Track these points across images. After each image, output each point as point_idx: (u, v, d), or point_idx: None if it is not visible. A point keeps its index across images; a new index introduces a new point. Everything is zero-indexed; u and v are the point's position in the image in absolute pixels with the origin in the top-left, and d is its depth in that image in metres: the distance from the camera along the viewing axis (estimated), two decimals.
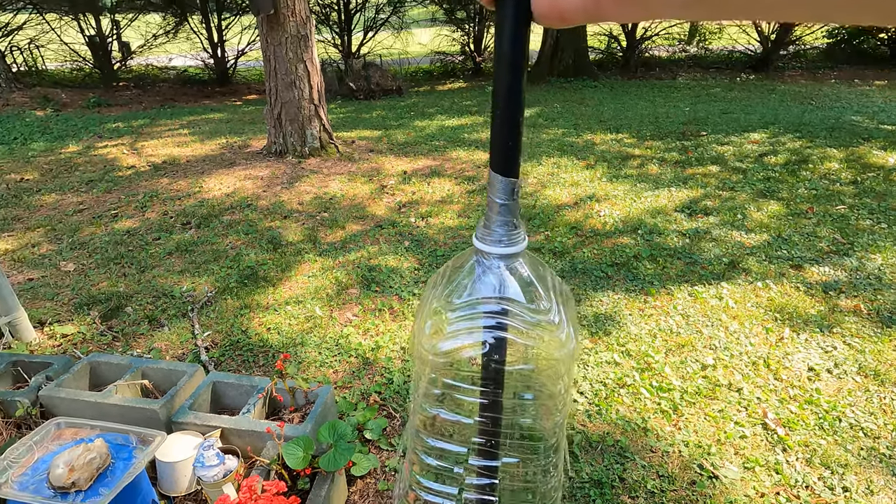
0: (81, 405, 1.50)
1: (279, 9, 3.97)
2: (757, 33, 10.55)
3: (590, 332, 2.18)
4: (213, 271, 2.71)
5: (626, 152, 4.96)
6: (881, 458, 1.56)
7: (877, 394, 1.81)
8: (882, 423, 1.68)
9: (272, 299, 2.45)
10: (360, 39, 11.37)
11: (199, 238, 3.14)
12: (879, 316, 2.26)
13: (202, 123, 6.63)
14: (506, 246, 0.46)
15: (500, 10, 0.39)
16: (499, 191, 0.44)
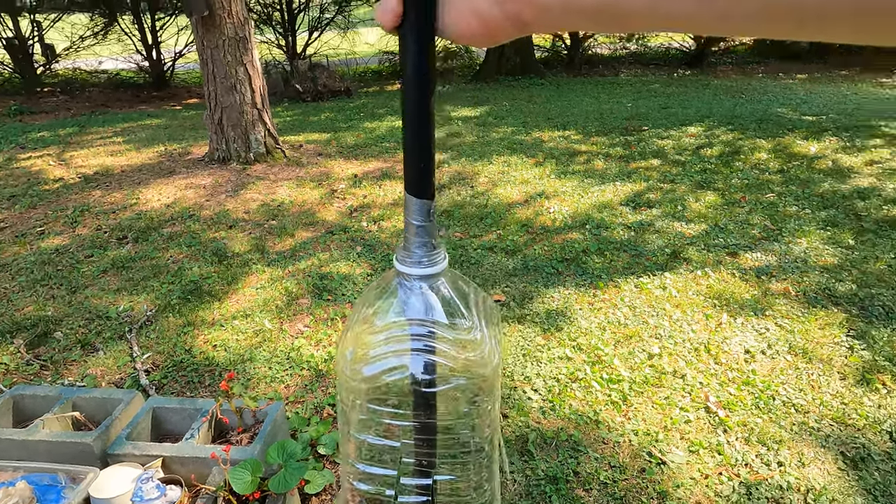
0: (4, 444, 1.38)
1: (214, 10, 3.81)
2: None
3: (542, 328, 2.22)
4: (153, 288, 2.58)
5: (573, 149, 5.09)
6: (811, 431, 1.67)
7: (805, 371, 1.93)
8: (810, 399, 1.80)
9: (218, 314, 2.35)
10: (306, 40, 11.12)
11: (136, 253, 2.97)
12: (806, 297, 2.42)
13: (138, 130, 6.29)
14: (426, 267, 0.46)
15: (403, 31, 0.38)
16: (414, 213, 0.44)
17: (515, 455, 1.58)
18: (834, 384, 1.86)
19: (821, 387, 1.85)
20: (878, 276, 2.58)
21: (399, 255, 0.46)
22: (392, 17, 0.37)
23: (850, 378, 1.89)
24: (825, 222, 3.25)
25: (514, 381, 1.90)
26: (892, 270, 2.65)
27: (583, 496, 1.46)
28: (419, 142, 0.42)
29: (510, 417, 1.74)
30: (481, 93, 8.69)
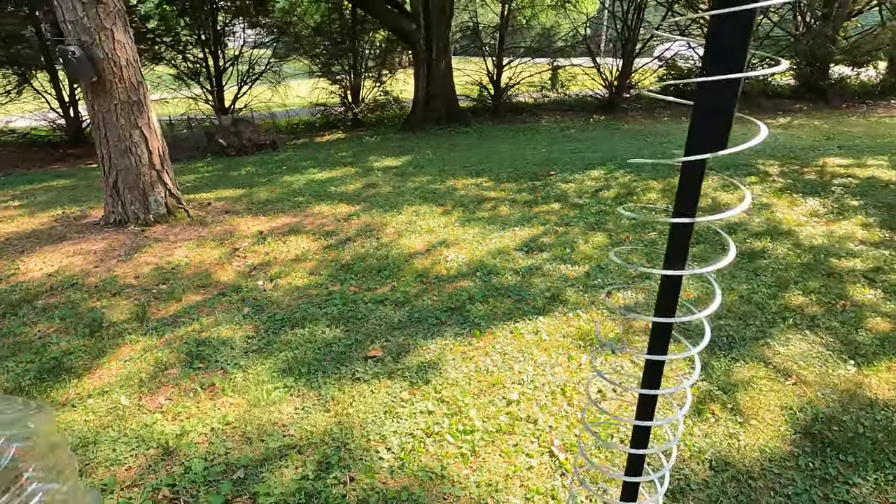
0: None
1: (104, 76, 3.80)
2: (602, 80, 12.01)
3: (410, 382, 2.25)
4: (7, 368, 2.42)
5: (482, 195, 5.31)
6: None
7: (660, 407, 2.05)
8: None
9: (73, 394, 2.23)
10: (235, 93, 11.17)
11: (1, 330, 2.80)
12: (677, 330, 2.59)
13: (40, 192, 6.02)
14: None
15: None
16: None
17: None
18: (671, 417, 1.99)
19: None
20: (729, 307, 2.82)
21: None
22: None
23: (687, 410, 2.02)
24: (694, 258, 3.53)
25: (369, 442, 1.91)
26: (742, 300, 2.90)
27: None
28: None
29: (357, 480, 1.74)
30: (407, 142, 8.96)
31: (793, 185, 5.16)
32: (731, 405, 2.05)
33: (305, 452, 1.87)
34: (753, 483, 1.69)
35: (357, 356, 2.48)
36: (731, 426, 1.93)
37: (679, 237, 0.78)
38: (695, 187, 0.73)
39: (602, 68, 11.97)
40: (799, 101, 12.14)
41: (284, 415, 2.07)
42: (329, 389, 2.22)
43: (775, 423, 1.95)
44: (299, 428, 1.99)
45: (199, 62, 10.74)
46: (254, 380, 2.30)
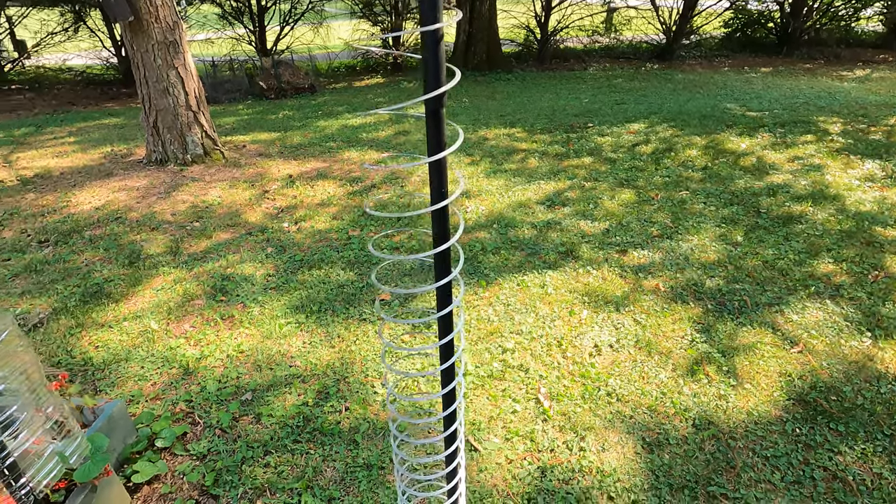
0: None
1: (140, 16, 3.89)
2: (660, 23, 11.13)
3: (412, 326, 2.35)
4: (56, 291, 2.69)
5: (513, 146, 5.20)
6: (623, 419, 1.81)
7: (642, 363, 2.08)
8: (634, 389, 1.94)
9: (111, 316, 2.47)
10: (277, 34, 11.13)
11: (53, 256, 3.09)
12: (673, 293, 2.56)
13: (93, 130, 6.36)
14: None
15: None
16: None
17: (342, 445, 1.73)
18: (662, 375, 2.01)
19: (649, 378, 2.00)
20: (749, 272, 2.73)
21: None
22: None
23: (679, 370, 2.04)
24: (724, 220, 3.39)
25: (367, 378, 2.04)
26: (765, 266, 2.80)
27: (391, 482, 1.60)
28: None
29: (351, 410, 1.88)
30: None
31: (853, 145, 4.76)
32: (727, 368, 2.03)
33: (308, 382, 2.02)
34: (733, 443, 1.71)
35: (366, 299, 2.59)
36: (722, 388, 1.93)
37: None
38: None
39: (661, 10, 11.06)
40: (885, 51, 10.91)
41: (293, 348, 2.23)
42: (336, 328, 2.36)
43: (770, 388, 1.93)
44: (305, 360, 2.15)
45: (244, 1, 10.70)
46: (269, 314, 2.47)
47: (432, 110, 0.61)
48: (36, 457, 1.36)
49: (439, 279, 0.69)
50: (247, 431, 1.79)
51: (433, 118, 0.61)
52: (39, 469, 1.31)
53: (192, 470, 1.63)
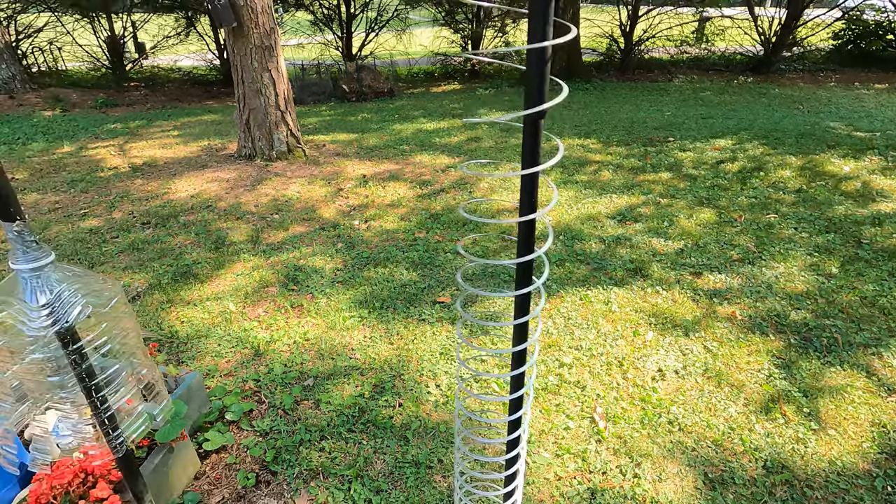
0: None
1: (243, 22, 4.23)
2: (758, 34, 10.42)
3: (470, 331, 2.37)
4: (153, 268, 2.98)
5: (586, 157, 5.08)
6: (684, 450, 1.71)
7: (709, 393, 1.95)
8: (699, 420, 1.83)
9: (196, 295, 2.70)
10: (362, 40, 11.64)
11: (153, 237, 3.42)
12: (750, 322, 2.38)
13: (194, 125, 6.97)
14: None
15: None
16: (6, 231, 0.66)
17: (394, 440, 1.77)
18: (732, 409, 1.87)
19: (717, 411, 1.87)
20: (843, 308, 2.48)
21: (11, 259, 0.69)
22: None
23: (752, 405, 1.89)
24: (817, 248, 3.11)
25: (422, 377, 2.08)
26: (863, 302, 2.53)
27: (438, 482, 1.62)
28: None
29: (404, 406, 1.92)
30: (521, 97, 8.73)
31: None
32: (808, 410, 1.86)
33: (366, 375, 2.10)
34: (809, 492, 1.56)
35: (427, 300, 2.64)
36: (801, 431, 1.77)
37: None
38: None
39: (760, 20, 10.34)
40: None
41: (354, 340, 2.32)
42: (396, 325, 2.42)
43: (858, 437, 1.74)
44: (364, 353, 2.23)
45: (334, 8, 11.30)
46: (334, 306, 2.58)
47: (531, 122, 0.62)
48: (126, 414, 1.51)
49: (520, 287, 0.70)
50: (306, 415, 1.89)
51: (531, 131, 0.63)
52: (129, 425, 1.46)
53: (256, 445, 1.74)
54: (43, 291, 0.69)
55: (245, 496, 1.58)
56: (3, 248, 3.19)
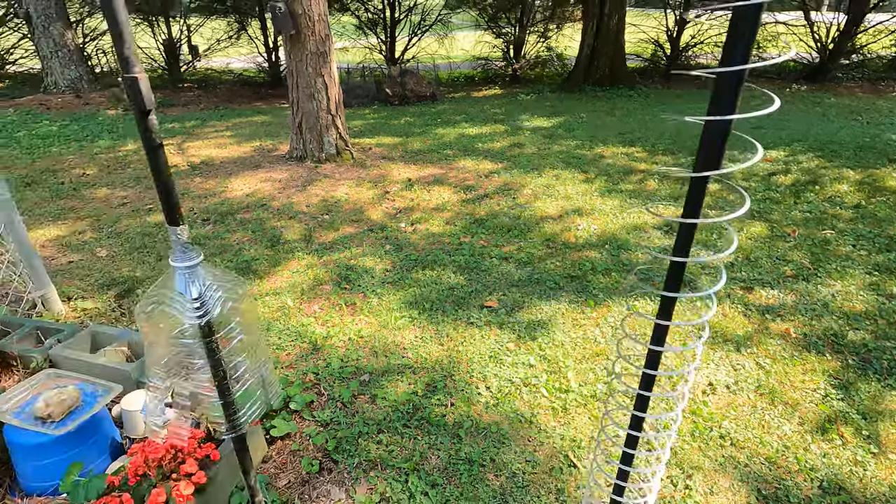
0: (78, 363, 1.94)
1: (301, 29, 4.41)
2: (814, 40, 10.03)
3: (518, 336, 2.42)
4: (215, 263, 3.16)
5: (631, 166, 5.05)
6: (737, 465, 1.71)
7: (762, 410, 1.94)
8: (752, 436, 1.82)
9: (256, 290, 2.85)
10: (405, 45, 11.84)
11: (213, 233, 3.62)
12: (805, 340, 2.34)
13: (245, 126, 7.27)
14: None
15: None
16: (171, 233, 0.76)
17: (447, 437, 1.84)
18: (786, 427, 1.86)
19: (770, 428, 1.86)
20: None
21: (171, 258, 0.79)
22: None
23: (808, 424, 1.87)
24: (877, 267, 3.01)
25: (472, 378, 2.14)
26: None
27: (490, 480, 1.68)
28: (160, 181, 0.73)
29: (456, 406, 1.99)
30: (562, 102, 8.70)
31: None
32: (867, 433, 1.83)
33: (418, 373, 2.18)
34: None
35: (474, 303, 2.71)
36: (860, 454, 1.75)
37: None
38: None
39: (817, 26, 9.95)
40: None
41: (405, 340, 2.41)
42: (445, 327, 2.50)
43: None
44: (416, 353, 2.31)
45: (378, 13, 11.55)
46: (385, 306, 2.68)
47: (717, 130, 0.66)
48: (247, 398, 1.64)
49: (666, 306, 0.75)
50: (363, 409, 1.98)
51: (718, 135, 0.66)
52: (249, 408, 1.59)
53: (317, 434, 1.85)
54: (195, 287, 0.79)
55: (309, 481, 1.68)
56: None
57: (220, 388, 0.86)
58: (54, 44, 9.12)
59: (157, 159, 0.69)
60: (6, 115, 7.82)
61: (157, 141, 0.67)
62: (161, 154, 0.69)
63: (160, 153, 0.70)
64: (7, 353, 2.01)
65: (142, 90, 0.65)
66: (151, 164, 0.70)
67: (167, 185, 0.72)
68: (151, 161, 0.69)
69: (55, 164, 5.31)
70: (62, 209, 4.08)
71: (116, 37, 0.63)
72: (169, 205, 0.73)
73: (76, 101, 8.91)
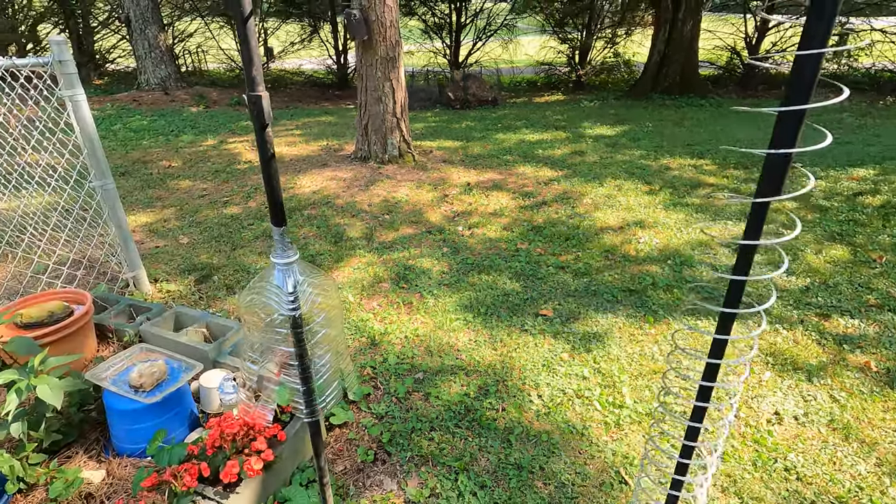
0: (163, 340, 2.13)
1: (373, 35, 4.58)
2: None
3: (572, 347, 2.40)
4: None
5: (699, 179, 4.86)
6: (802, 500, 1.63)
7: (834, 446, 1.83)
8: (821, 472, 1.72)
9: None
10: (469, 49, 11.94)
11: None
12: (888, 376, 2.18)
13: (313, 125, 7.61)
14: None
15: None
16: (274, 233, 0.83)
17: (497, 441, 1.87)
18: (861, 467, 1.74)
19: (843, 466, 1.75)
20: None
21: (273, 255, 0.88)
22: None
23: (886, 466, 1.75)
24: None
25: (524, 385, 2.16)
26: None
27: (539, 487, 1.69)
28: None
29: (507, 411, 2.01)
30: (627, 111, 8.48)
31: None
32: None
33: (471, 376, 2.22)
34: None
35: (529, 311, 2.71)
36: None
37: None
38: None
39: None
40: None
41: (460, 342, 2.46)
42: (499, 332, 2.52)
43: None
44: (469, 355, 2.35)
45: (445, 17, 11.73)
46: (441, 307, 2.75)
47: (777, 162, 0.66)
48: (326, 385, 1.76)
49: (727, 316, 0.77)
50: (417, 406, 2.05)
51: (778, 166, 0.66)
52: (328, 395, 1.70)
53: (373, 426, 1.93)
54: (291, 281, 0.88)
55: (363, 470, 1.77)
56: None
57: (302, 376, 0.94)
58: (148, 45, 9.93)
59: (269, 168, 0.77)
60: (105, 110, 8.61)
61: (271, 151, 0.76)
62: (273, 163, 0.78)
63: (273, 162, 0.78)
64: (106, 325, 2.25)
65: (263, 107, 0.74)
66: (264, 172, 0.78)
67: (275, 191, 0.80)
68: (265, 169, 0.78)
69: (145, 155, 5.80)
70: (151, 198, 4.46)
71: (247, 60, 0.72)
72: (275, 207, 0.82)
73: (164, 97, 9.66)
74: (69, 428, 1.74)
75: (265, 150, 0.75)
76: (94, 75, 11.98)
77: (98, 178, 2.50)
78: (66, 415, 1.74)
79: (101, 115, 8.14)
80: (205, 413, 1.91)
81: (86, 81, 11.29)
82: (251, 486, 1.53)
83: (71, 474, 1.58)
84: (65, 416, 1.73)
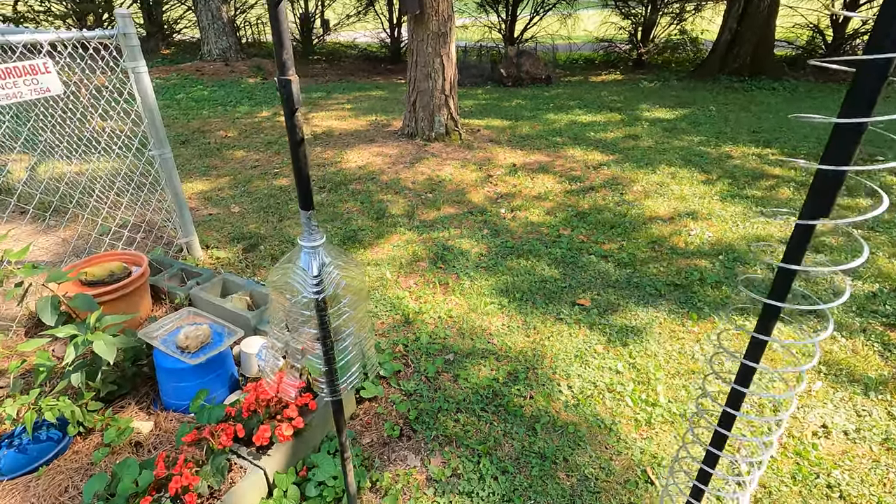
0: (210, 305, 2.25)
1: (425, 9, 4.51)
2: None
3: (608, 339, 2.34)
4: (326, 229, 3.43)
5: (762, 170, 4.55)
6: None
7: (886, 467, 1.71)
8: (868, 493, 1.62)
9: (360, 258, 3.06)
10: (525, 23, 11.57)
11: (326, 201, 3.92)
12: None
13: (364, 100, 7.66)
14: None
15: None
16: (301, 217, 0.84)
17: (522, 428, 1.87)
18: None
19: (894, 488, 1.63)
20: None
21: (301, 238, 0.89)
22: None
23: None
24: None
25: (555, 374, 2.13)
26: None
27: (561, 478, 1.68)
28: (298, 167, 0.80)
29: (535, 399, 2.00)
30: (690, 93, 8.00)
31: None
32: None
33: (501, 361, 2.22)
34: None
35: (566, 299, 2.66)
36: None
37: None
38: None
39: None
40: None
41: (492, 326, 2.45)
42: (533, 319, 2.49)
43: None
44: (501, 340, 2.35)
45: None
46: (476, 290, 2.74)
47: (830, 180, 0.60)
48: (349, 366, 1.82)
49: (768, 312, 0.72)
50: (445, 386, 2.07)
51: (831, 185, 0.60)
52: (350, 376, 1.76)
53: (401, 402, 1.98)
54: (316, 264, 0.89)
55: (389, 444, 1.82)
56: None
57: (325, 356, 0.96)
58: (212, 16, 10.23)
59: (298, 152, 0.78)
60: (170, 79, 9.01)
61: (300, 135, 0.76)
62: (303, 147, 0.78)
63: (302, 146, 0.78)
64: (160, 287, 2.39)
65: (293, 91, 0.74)
66: (293, 156, 0.79)
67: (304, 175, 0.81)
68: (294, 153, 0.78)
69: (204, 125, 6.05)
70: (207, 167, 4.66)
71: (277, 44, 0.72)
72: (303, 191, 0.83)
73: (224, 68, 9.97)
74: (123, 380, 1.88)
75: (294, 135, 0.75)
76: (162, 45, 12.51)
77: (157, 147, 2.63)
78: (121, 368, 1.88)
79: (167, 85, 8.53)
80: (244, 377, 2.01)
81: (154, 51, 11.83)
82: (281, 450, 1.61)
83: (123, 423, 1.72)
84: (120, 369, 1.87)
